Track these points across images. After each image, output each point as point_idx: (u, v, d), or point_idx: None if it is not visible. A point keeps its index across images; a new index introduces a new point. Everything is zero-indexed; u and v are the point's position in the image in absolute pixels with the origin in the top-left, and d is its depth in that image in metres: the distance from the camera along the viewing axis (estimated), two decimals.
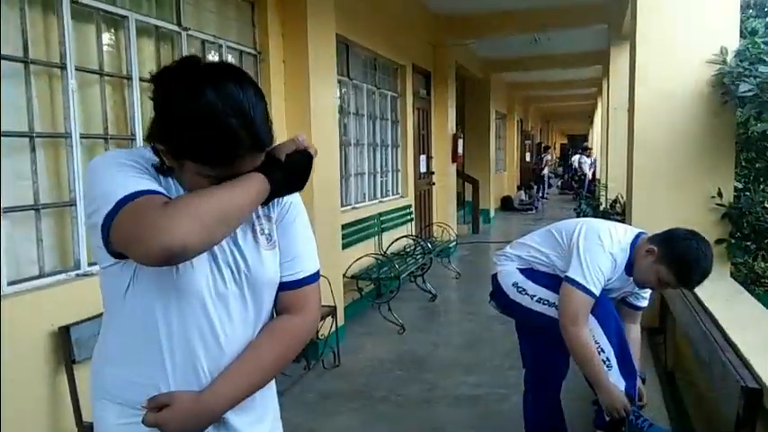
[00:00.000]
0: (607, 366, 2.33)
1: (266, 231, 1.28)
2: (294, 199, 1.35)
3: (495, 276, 2.69)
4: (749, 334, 2.37)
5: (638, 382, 2.46)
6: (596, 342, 2.33)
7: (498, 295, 2.68)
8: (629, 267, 2.36)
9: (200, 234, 1.02)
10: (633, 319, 2.64)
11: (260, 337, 1.26)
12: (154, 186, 1.09)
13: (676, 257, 2.22)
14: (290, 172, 1.21)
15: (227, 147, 1.06)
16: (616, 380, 2.33)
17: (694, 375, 3.11)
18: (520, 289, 2.56)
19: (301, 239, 1.34)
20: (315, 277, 1.34)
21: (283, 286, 1.30)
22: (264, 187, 1.15)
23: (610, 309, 2.40)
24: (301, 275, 1.31)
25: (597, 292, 2.28)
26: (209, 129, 1.05)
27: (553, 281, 2.46)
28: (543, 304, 2.48)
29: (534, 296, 2.50)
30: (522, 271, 2.58)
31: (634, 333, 2.62)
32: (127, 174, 1.09)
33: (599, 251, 2.30)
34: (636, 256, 2.34)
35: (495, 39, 8.95)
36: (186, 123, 1.05)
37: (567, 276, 2.33)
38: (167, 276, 1.14)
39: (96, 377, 1.27)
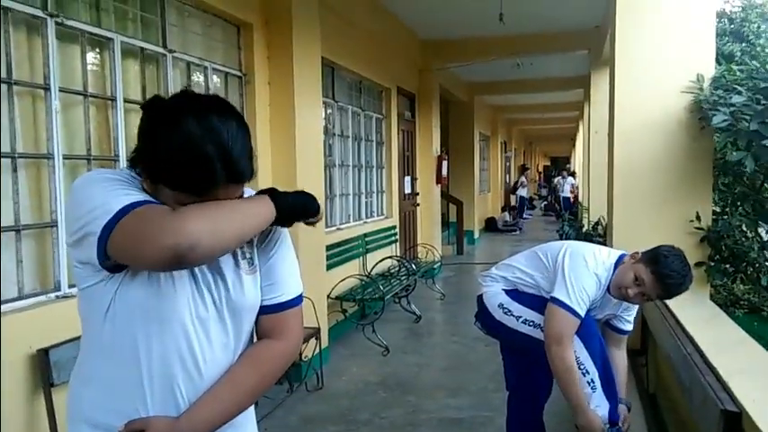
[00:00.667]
0: (591, 388, 2.34)
1: (248, 256, 1.27)
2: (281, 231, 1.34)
3: (480, 297, 2.69)
4: (728, 357, 2.40)
5: (623, 407, 2.47)
6: (581, 363, 2.34)
7: (484, 316, 2.68)
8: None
9: (212, 235, 1.03)
10: (618, 345, 2.63)
11: (239, 363, 1.25)
12: (150, 199, 1.10)
13: (660, 263, 2.25)
14: (296, 208, 1.23)
15: (201, 176, 1.07)
16: (599, 401, 2.34)
17: (675, 398, 3.13)
18: (505, 310, 2.56)
19: (283, 263, 1.32)
20: (297, 301, 1.32)
21: (264, 310, 1.29)
22: (271, 214, 1.17)
23: (594, 330, 2.42)
24: (282, 299, 1.30)
25: (582, 312, 2.30)
26: (185, 157, 1.06)
27: (538, 302, 2.48)
28: (529, 325, 2.49)
29: (520, 317, 2.51)
30: (507, 292, 2.59)
31: (619, 359, 2.60)
32: (120, 188, 1.10)
33: (584, 272, 2.33)
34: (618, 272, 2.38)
35: (479, 63, 9.08)
36: (163, 150, 1.07)
37: (552, 297, 2.35)
38: (149, 298, 1.14)
39: (73, 400, 1.25)
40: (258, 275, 1.29)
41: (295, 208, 1.22)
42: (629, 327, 2.60)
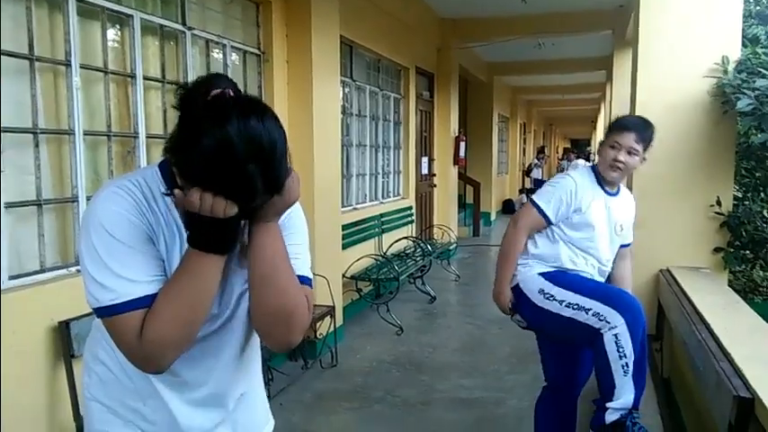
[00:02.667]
0: (624, 372, 2.28)
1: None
2: (294, 208, 1.30)
3: (516, 288, 2.57)
4: (744, 344, 2.38)
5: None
6: (621, 347, 2.28)
7: (523, 307, 2.56)
8: (598, 177, 2.55)
9: (175, 354, 1.12)
10: (622, 256, 2.71)
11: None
12: (138, 277, 1.10)
13: (611, 122, 2.61)
14: (204, 224, 1.08)
15: (241, 191, 1.04)
16: (628, 387, 2.29)
17: (689, 383, 3.12)
18: (547, 295, 2.45)
19: (293, 247, 1.28)
20: (304, 280, 1.29)
21: None
22: (200, 256, 1.10)
23: (641, 320, 2.33)
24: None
25: (550, 215, 2.49)
26: (221, 166, 1.01)
27: (578, 283, 2.43)
28: (573, 308, 2.38)
29: (563, 301, 2.41)
30: (544, 276, 2.49)
31: (623, 269, 2.75)
32: (114, 262, 1.09)
33: (559, 179, 2.59)
34: None
35: (499, 43, 8.96)
36: (200, 157, 1.01)
37: (530, 197, 2.63)
38: None
39: (86, 376, 1.33)
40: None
41: (206, 232, 1.09)
42: (631, 238, 2.71)
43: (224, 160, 1.00)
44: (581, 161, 17.84)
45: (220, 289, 1.19)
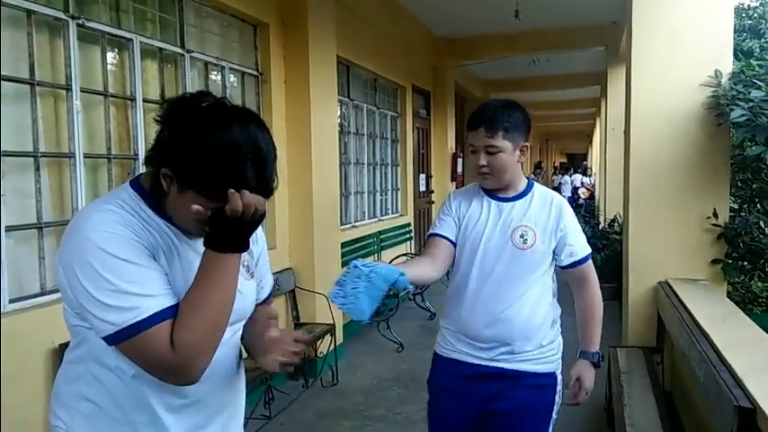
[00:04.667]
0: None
1: (246, 264, 1.32)
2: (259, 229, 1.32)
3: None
4: (744, 354, 2.39)
5: (574, 371, 2.05)
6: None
7: None
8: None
9: (209, 359, 1.12)
10: (579, 281, 2.08)
11: None
12: (156, 291, 1.09)
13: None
14: (228, 223, 1.12)
15: (235, 185, 1.07)
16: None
17: (691, 394, 3.12)
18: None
19: (265, 261, 1.47)
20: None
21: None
22: (222, 258, 1.12)
23: None
24: (266, 293, 1.47)
25: (436, 229, 2.04)
26: (226, 164, 1.07)
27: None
28: None
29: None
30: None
31: (584, 301, 2.08)
32: (125, 282, 1.06)
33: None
34: None
35: (495, 60, 9.05)
36: (206, 155, 1.07)
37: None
38: None
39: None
40: (254, 280, 1.36)
41: (230, 231, 1.13)
42: (577, 253, 2.01)
43: (231, 159, 1.07)
44: (577, 176, 17.90)
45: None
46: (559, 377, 2.05)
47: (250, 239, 1.17)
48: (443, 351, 2.13)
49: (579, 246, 2.02)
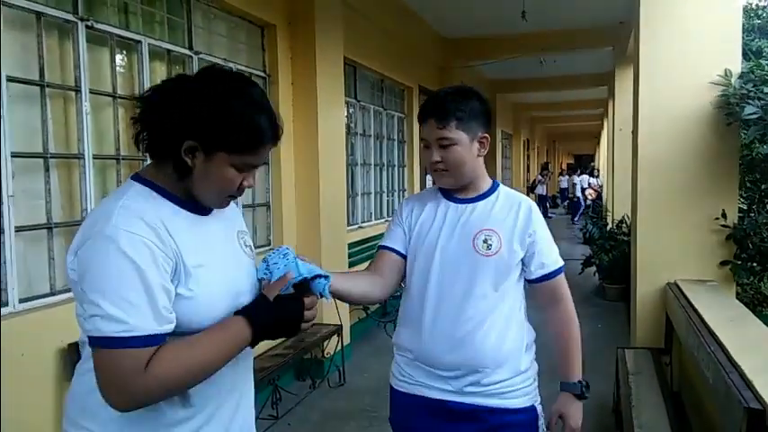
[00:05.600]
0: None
1: (248, 243, 1.41)
2: None
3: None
4: (753, 356, 2.37)
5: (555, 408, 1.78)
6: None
7: None
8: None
9: (167, 395, 1.14)
10: (550, 299, 1.78)
11: None
12: (154, 311, 1.09)
13: None
14: (278, 320, 1.25)
15: (257, 136, 1.19)
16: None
17: (699, 396, 3.11)
18: None
19: None
20: None
21: None
22: (245, 337, 1.20)
23: None
24: None
25: (387, 243, 1.79)
26: (245, 118, 1.17)
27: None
28: None
29: None
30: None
31: (556, 324, 1.79)
32: (130, 291, 1.07)
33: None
34: None
35: (502, 61, 9.04)
36: (228, 111, 1.16)
37: None
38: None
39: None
40: (253, 259, 1.40)
41: (273, 327, 1.25)
42: (548, 266, 1.73)
43: (249, 110, 1.18)
44: (584, 177, 17.85)
45: None
46: (539, 409, 1.75)
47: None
48: (400, 385, 1.80)
49: (551, 257, 1.74)
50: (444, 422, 1.69)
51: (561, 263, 1.77)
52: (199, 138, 1.16)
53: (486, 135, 1.75)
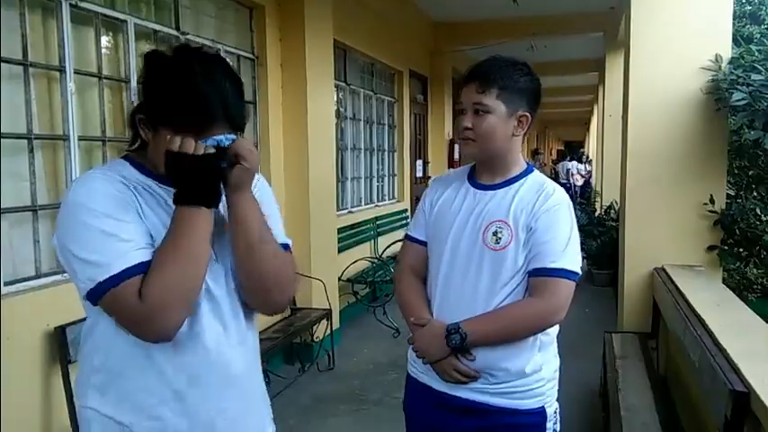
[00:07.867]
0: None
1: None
2: (260, 180, 1.33)
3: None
4: (739, 339, 2.39)
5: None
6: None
7: None
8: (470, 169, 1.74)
9: (180, 314, 1.13)
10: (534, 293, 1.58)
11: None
12: (128, 238, 1.12)
13: None
14: (190, 166, 1.14)
15: (200, 114, 1.14)
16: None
17: (685, 379, 3.14)
18: None
19: (274, 221, 1.32)
20: (285, 246, 1.33)
21: None
22: (190, 213, 1.14)
23: None
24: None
25: (413, 232, 1.78)
26: (187, 94, 1.13)
27: None
28: None
29: None
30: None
31: (526, 300, 1.58)
32: (102, 236, 1.10)
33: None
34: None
35: (492, 46, 8.99)
36: (168, 88, 1.15)
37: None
38: None
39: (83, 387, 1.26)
40: None
41: (197, 180, 1.16)
42: (545, 261, 1.54)
43: (185, 78, 1.13)
44: (573, 163, 17.87)
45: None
46: (550, 411, 1.63)
47: (222, 195, 1.19)
48: (411, 370, 1.78)
49: (551, 258, 1.53)
50: (447, 414, 1.65)
51: (568, 267, 1.54)
52: (146, 112, 1.18)
53: (527, 114, 1.61)
